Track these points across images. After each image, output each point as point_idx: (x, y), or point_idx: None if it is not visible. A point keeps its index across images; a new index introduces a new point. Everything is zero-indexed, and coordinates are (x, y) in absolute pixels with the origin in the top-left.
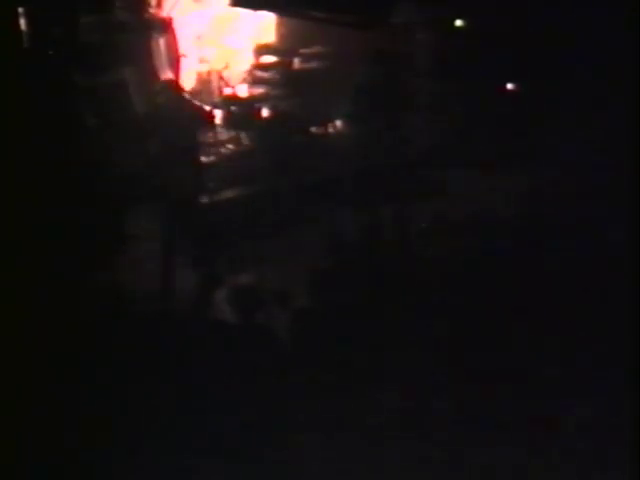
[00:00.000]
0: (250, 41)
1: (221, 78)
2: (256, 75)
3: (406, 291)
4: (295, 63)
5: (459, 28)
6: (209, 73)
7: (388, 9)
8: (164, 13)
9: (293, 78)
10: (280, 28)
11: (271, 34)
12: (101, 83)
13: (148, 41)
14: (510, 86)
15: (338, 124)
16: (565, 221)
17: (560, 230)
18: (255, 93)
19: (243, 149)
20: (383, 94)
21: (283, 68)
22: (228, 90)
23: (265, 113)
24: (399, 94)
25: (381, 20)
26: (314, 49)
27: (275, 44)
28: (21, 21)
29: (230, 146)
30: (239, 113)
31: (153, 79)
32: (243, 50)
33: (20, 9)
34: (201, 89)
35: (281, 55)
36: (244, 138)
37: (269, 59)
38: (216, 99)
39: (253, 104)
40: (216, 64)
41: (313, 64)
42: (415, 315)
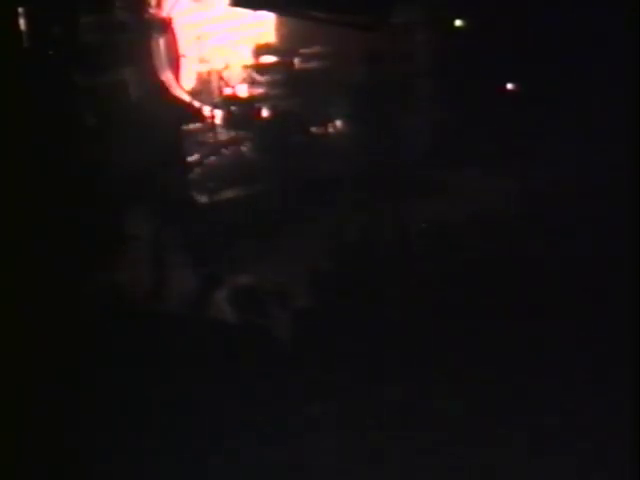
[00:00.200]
0: (250, 41)
1: (221, 78)
2: (256, 75)
3: (406, 291)
4: (295, 63)
5: (459, 28)
6: (209, 73)
7: (388, 9)
8: (164, 13)
9: (293, 78)
10: (280, 28)
11: (271, 34)
12: (101, 83)
13: (148, 41)
14: (510, 86)
15: (338, 124)
16: (565, 221)
17: (560, 230)
18: (255, 93)
19: (243, 149)
20: (383, 94)
21: (283, 68)
22: (228, 90)
23: (265, 113)
24: (399, 94)
25: (381, 20)
26: (314, 49)
27: (275, 44)
28: (21, 21)
29: (230, 146)
30: (239, 113)
31: (153, 79)
32: (243, 50)
33: (20, 9)
34: (201, 89)
35: (281, 55)
36: (244, 138)
37: (269, 59)
38: (216, 99)
39: (253, 104)
40: (216, 64)
41: (313, 64)
42: (415, 315)
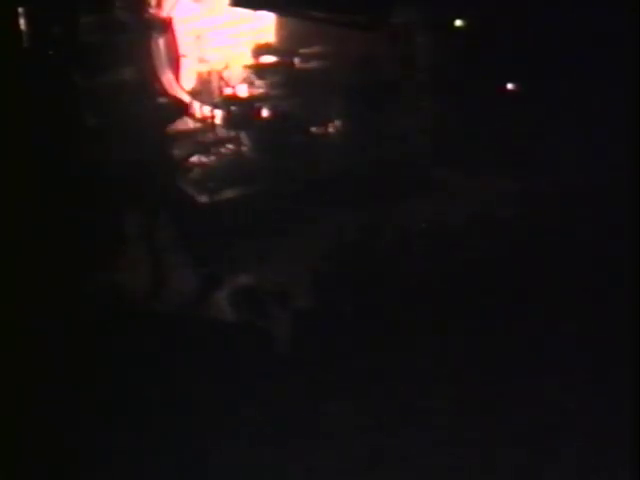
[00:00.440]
0: (250, 41)
1: (221, 78)
2: (256, 75)
3: (406, 291)
4: (295, 63)
5: (459, 28)
6: (209, 73)
7: (387, 9)
8: (164, 13)
9: (293, 78)
10: (280, 28)
11: (271, 34)
12: (101, 83)
13: (148, 41)
14: (510, 86)
15: (338, 124)
16: (565, 221)
17: (560, 230)
18: (255, 93)
19: (243, 149)
20: (383, 94)
21: (283, 68)
22: (228, 90)
23: (265, 113)
24: (399, 94)
25: (381, 20)
26: (314, 49)
27: (275, 44)
28: (21, 21)
29: (230, 146)
30: (239, 113)
31: (153, 79)
32: (243, 50)
33: (20, 9)
34: (201, 89)
35: (281, 55)
36: (244, 138)
37: (269, 59)
38: (216, 99)
39: (253, 104)
40: (216, 64)
41: (313, 64)
42: (415, 315)
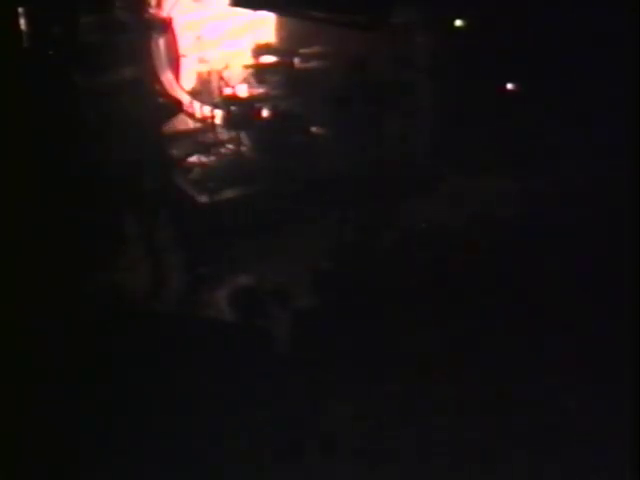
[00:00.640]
0: (250, 41)
1: (221, 78)
2: (256, 75)
3: (406, 291)
4: (295, 63)
5: (459, 28)
6: (209, 73)
7: (387, 9)
8: (164, 13)
9: (293, 78)
10: (280, 28)
11: (271, 34)
12: (101, 83)
13: (148, 41)
14: (510, 86)
15: (338, 124)
16: (565, 221)
17: (560, 230)
18: (255, 93)
19: (243, 149)
20: (383, 94)
21: (283, 68)
22: (228, 90)
23: (265, 113)
24: (399, 94)
25: (380, 20)
26: (314, 49)
27: (275, 44)
28: (21, 21)
29: (230, 146)
30: (239, 113)
31: (153, 79)
32: (243, 50)
33: (20, 9)
34: (201, 89)
35: (281, 55)
36: (244, 138)
37: (269, 59)
38: (216, 99)
39: (253, 104)
40: (216, 64)
41: (313, 64)
42: (415, 315)
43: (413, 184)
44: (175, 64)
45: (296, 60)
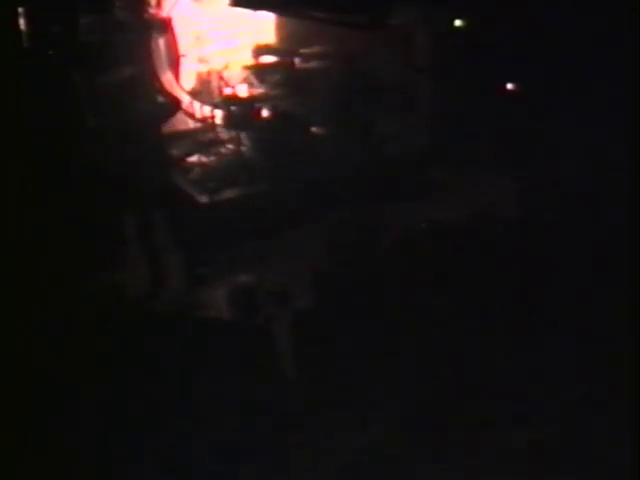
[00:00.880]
0: (250, 41)
1: (221, 78)
2: (256, 75)
3: (406, 291)
4: (295, 63)
5: (459, 28)
6: (209, 73)
7: (387, 9)
8: (164, 13)
9: (293, 78)
10: (280, 28)
11: (271, 34)
12: (101, 83)
13: (148, 41)
14: (510, 86)
15: (338, 124)
16: (565, 221)
17: (560, 230)
18: (255, 93)
19: (243, 149)
20: (383, 94)
21: (283, 68)
22: (228, 90)
23: (265, 113)
24: (399, 94)
25: (380, 20)
26: (314, 49)
27: (275, 44)
28: (21, 21)
29: (230, 146)
30: (239, 113)
31: (153, 79)
32: (243, 50)
33: (20, 9)
34: (201, 89)
35: (281, 55)
36: (244, 138)
37: (269, 59)
38: (216, 99)
39: (253, 104)
40: (216, 64)
41: (313, 64)
42: (415, 315)
43: (413, 184)
44: (175, 64)
45: (296, 60)
